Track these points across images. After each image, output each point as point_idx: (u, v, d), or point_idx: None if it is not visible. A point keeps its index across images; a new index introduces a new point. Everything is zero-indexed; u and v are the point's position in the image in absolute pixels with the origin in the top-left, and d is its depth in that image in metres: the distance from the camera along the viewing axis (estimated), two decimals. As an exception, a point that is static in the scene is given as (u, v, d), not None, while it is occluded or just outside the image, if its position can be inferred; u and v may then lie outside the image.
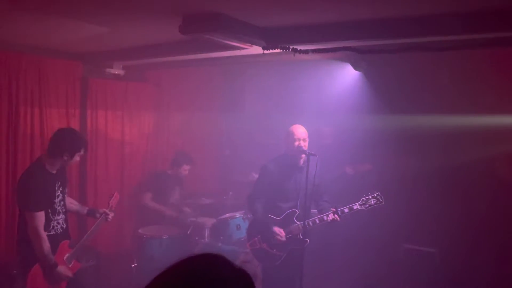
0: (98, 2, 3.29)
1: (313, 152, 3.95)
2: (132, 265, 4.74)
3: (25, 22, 3.94)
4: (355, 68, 5.23)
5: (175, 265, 1.04)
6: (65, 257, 3.69)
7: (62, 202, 3.75)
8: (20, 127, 5.04)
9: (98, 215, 3.94)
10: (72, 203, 4.06)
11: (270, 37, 3.93)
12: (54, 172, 3.67)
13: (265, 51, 4.03)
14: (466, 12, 3.22)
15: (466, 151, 4.78)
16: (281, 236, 4.05)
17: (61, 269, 3.58)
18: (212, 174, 6.95)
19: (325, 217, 4.02)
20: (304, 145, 4.09)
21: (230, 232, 5.17)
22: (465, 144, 4.79)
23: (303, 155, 4.07)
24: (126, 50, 5.07)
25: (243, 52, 4.31)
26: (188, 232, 5.14)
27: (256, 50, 4.11)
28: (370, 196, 4.01)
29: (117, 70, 5.51)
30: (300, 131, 4.14)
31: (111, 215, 3.92)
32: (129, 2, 3.27)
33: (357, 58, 5.01)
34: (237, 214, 5.30)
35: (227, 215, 5.34)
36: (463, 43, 3.80)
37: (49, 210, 3.60)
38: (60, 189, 3.73)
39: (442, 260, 4.86)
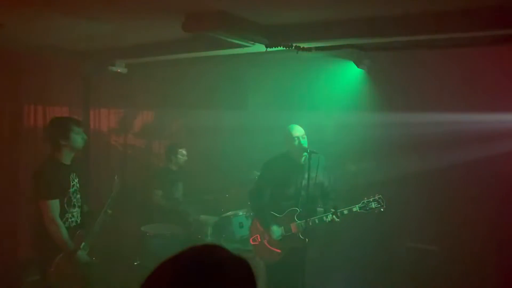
0: (101, 0, 3.29)
1: (315, 150, 3.95)
2: (135, 263, 4.75)
3: (28, 20, 3.95)
4: (358, 66, 5.21)
5: (176, 255, 1.07)
6: (81, 245, 3.73)
7: (78, 195, 3.77)
8: (23, 125, 5.06)
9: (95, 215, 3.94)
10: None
11: (273, 35, 3.92)
12: (69, 163, 3.73)
13: (268, 49, 4.02)
14: (472, 10, 3.21)
15: (469, 150, 4.75)
16: (277, 236, 4.13)
17: (81, 253, 3.64)
18: (214, 171, 6.95)
19: (324, 218, 4.03)
20: (303, 142, 4.12)
21: (233, 230, 5.17)
22: (468, 143, 4.77)
23: (305, 153, 4.08)
24: (129, 48, 5.08)
25: (246, 50, 4.31)
26: (191, 230, 5.14)
27: (259, 48, 4.11)
28: (371, 199, 3.95)
29: (120, 68, 5.51)
30: (296, 129, 4.18)
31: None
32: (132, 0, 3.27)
33: (360, 55, 4.99)
34: (240, 212, 5.29)
35: (230, 213, 5.34)
36: (468, 41, 3.78)
37: (65, 201, 3.63)
38: (76, 180, 3.77)
39: (444, 258, 4.85)
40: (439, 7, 3.28)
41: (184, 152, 5.66)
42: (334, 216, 3.98)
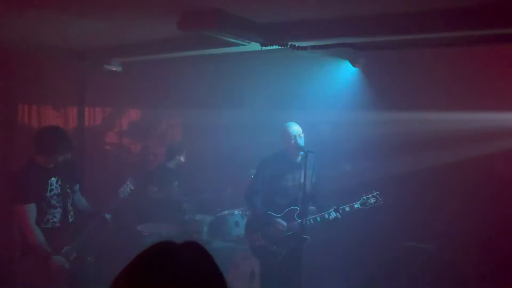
0: (95, -2, 3.28)
1: (311, 149, 3.96)
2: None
3: (23, 19, 3.93)
4: (354, 65, 5.22)
5: (137, 256, 1.15)
6: (63, 250, 3.67)
7: (61, 197, 3.72)
8: (18, 124, 5.05)
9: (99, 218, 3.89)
10: (80, 202, 4.01)
11: (268, 33, 3.92)
12: (50, 166, 3.67)
13: (263, 48, 4.02)
14: (465, 9, 3.21)
15: (465, 149, 4.77)
16: (283, 227, 4.08)
17: (57, 258, 3.58)
18: (210, 170, 6.94)
19: (326, 215, 4.03)
20: (300, 141, 4.12)
21: (229, 229, 5.17)
22: (464, 142, 4.78)
23: (301, 152, 4.07)
24: (124, 47, 5.06)
25: (242, 48, 4.31)
26: (187, 229, 5.13)
27: (255, 46, 4.10)
28: (370, 196, 4.05)
29: (115, 67, 5.50)
30: (294, 128, 4.19)
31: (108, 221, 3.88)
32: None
33: (355, 54, 5.00)
34: (236, 211, 5.28)
35: (226, 212, 5.34)
36: (462, 40, 3.79)
37: (42, 204, 3.59)
38: (59, 183, 3.71)
39: (441, 257, 4.86)
40: (435, 6, 3.29)
41: (184, 155, 5.70)
42: (337, 214, 4.02)
